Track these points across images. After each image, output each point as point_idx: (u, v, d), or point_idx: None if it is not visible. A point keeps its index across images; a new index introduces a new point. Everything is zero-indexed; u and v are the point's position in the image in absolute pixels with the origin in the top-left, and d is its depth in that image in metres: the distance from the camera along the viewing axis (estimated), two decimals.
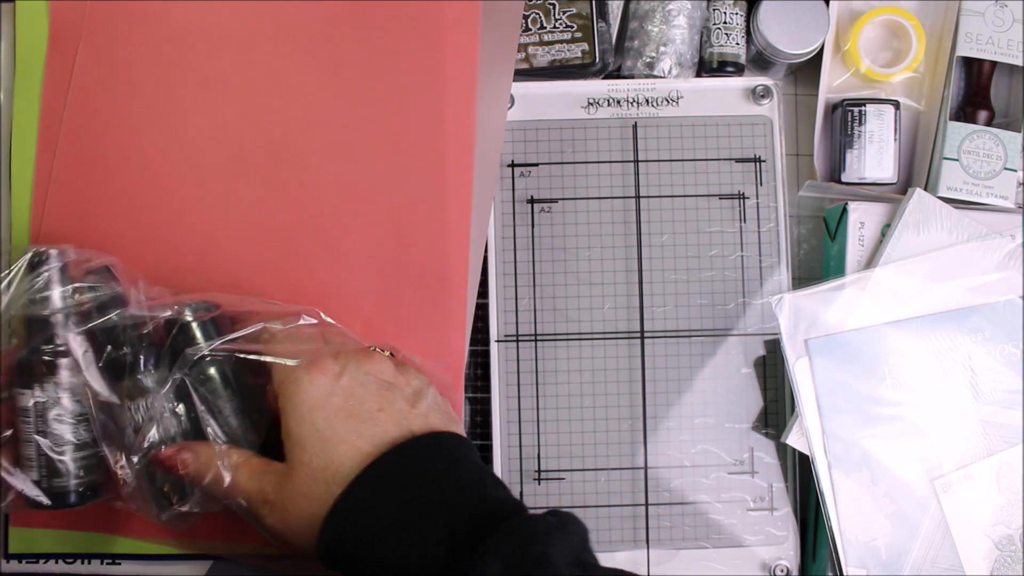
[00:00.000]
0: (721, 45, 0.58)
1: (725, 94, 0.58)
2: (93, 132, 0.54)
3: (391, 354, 0.46)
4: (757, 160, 0.57)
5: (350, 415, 0.41)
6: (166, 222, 0.54)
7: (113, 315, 0.45)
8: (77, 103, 0.54)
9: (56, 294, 0.45)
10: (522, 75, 0.57)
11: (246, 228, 0.54)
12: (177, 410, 0.45)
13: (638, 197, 0.57)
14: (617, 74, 0.59)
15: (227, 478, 0.42)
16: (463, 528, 0.38)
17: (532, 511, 0.41)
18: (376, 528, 0.39)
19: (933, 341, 0.54)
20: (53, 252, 0.45)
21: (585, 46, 0.57)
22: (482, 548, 0.36)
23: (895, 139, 0.56)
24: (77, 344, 0.44)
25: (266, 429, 0.46)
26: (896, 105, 0.56)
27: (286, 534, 0.41)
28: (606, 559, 0.55)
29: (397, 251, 0.54)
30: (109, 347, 0.45)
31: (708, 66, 0.58)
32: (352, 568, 0.39)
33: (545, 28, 0.57)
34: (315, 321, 0.47)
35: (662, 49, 0.57)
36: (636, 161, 0.57)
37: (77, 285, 0.45)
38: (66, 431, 0.44)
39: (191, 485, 0.44)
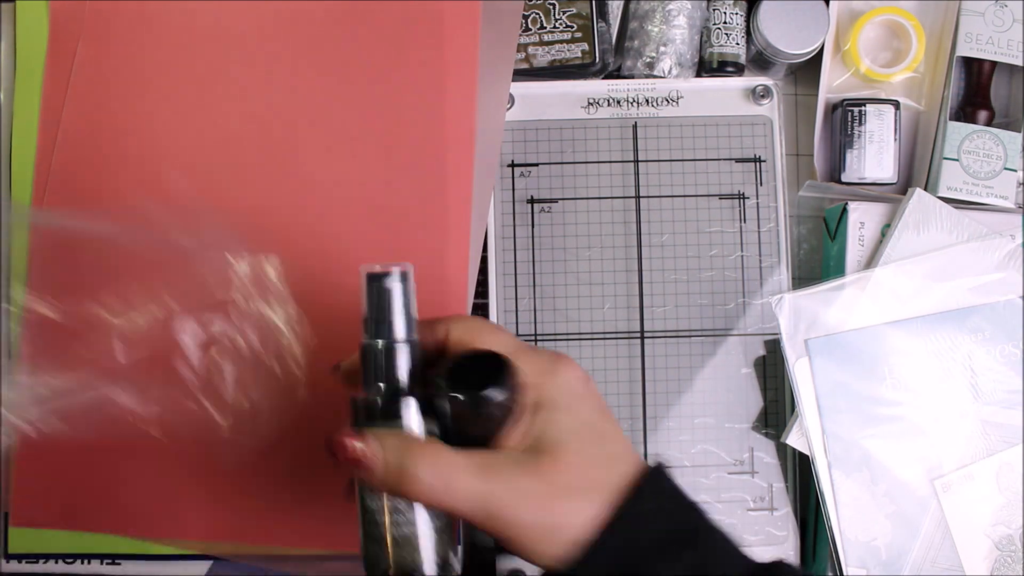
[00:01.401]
0: (721, 45, 0.58)
1: (725, 94, 0.58)
2: (93, 132, 0.54)
3: None
4: (757, 160, 0.57)
5: (608, 414, 0.37)
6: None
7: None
8: (77, 103, 0.54)
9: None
10: (522, 75, 0.57)
11: (245, 228, 0.54)
12: None
13: (638, 197, 0.57)
14: (617, 74, 0.59)
15: (437, 481, 0.36)
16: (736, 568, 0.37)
17: None
18: (665, 545, 0.35)
19: (933, 341, 0.54)
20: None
21: (585, 46, 0.57)
22: None
23: (895, 139, 0.56)
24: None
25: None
26: (896, 105, 0.56)
27: (538, 531, 0.36)
28: None
29: (396, 250, 0.54)
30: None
31: (708, 66, 0.58)
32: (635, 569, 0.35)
33: (545, 28, 0.57)
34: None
35: (662, 49, 0.57)
36: (636, 161, 0.57)
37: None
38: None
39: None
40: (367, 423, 0.37)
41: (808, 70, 0.58)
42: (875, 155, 0.56)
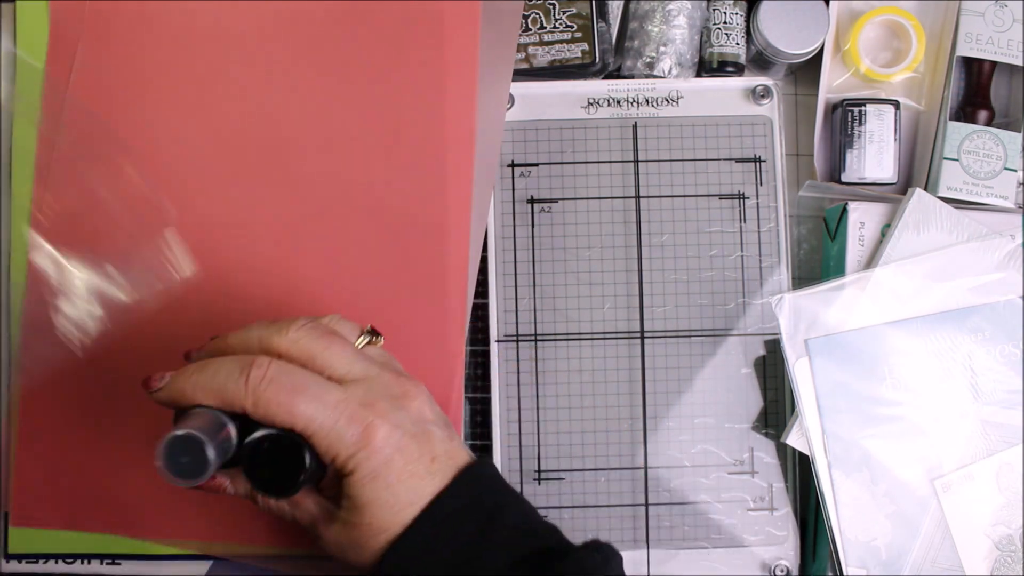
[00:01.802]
0: (721, 45, 0.58)
1: (725, 94, 0.58)
2: (93, 131, 0.54)
3: (374, 332, 0.45)
4: (757, 160, 0.57)
5: (411, 475, 0.41)
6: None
7: None
8: (77, 103, 0.54)
9: None
10: (522, 75, 0.57)
11: (245, 228, 0.54)
12: None
13: (638, 197, 0.57)
14: (617, 74, 0.59)
15: (282, 508, 0.43)
16: (524, 564, 0.41)
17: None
18: (441, 562, 0.40)
19: (933, 341, 0.54)
20: None
21: (585, 46, 0.57)
22: None
23: (895, 139, 0.56)
24: None
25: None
26: (896, 105, 0.56)
27: (342, 559, 0.43)
28: None
29: (396, 250, 0.54)
30: None
31: (708, 66, 0.58)
32: None
33: (545, 28, 0.57)
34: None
35: (662, 49, 0.57)
36: (636, 161, 0.57)
37: None
38: None
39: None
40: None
41: (808, 70, 0.58)
42: (875, 155, 0.56)
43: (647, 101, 0.58)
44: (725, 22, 0.57)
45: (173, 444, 0.38)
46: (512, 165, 0.57)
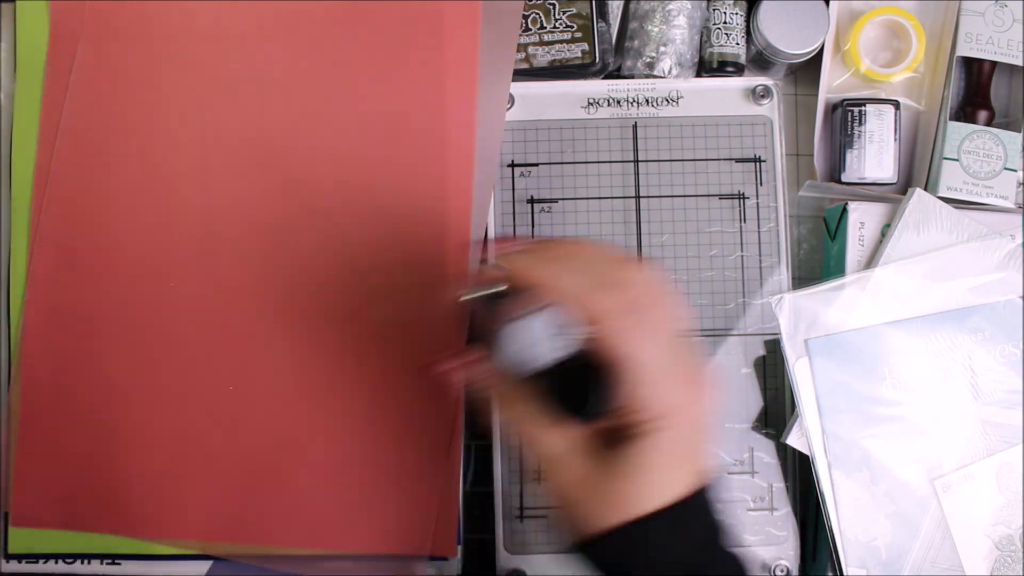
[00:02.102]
0: (721, 45, 0.58)
1: (725, 94, 0.58)
2: (93, 131, 0.54)
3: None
4: (757, 160, 0.57)
5: (684, 466, 0.40)
6: (165, 220, 0.54)
7: None
8: (77, 103, 0.54)
9: None
10: (522, 75, 0.57)
11: (245, 227, 0.54)
12: None
13: (638, 197, 0.57)
14: (617, 74, 0.59)
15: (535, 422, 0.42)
16: None
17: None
18: (672, 557, 0.39)
19: (933, 341, 0.54)
20: None
21: (585, 46, 0.57)
22: None
23: (895, 139, 0.56)
24: None
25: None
26: (896, 105, 0.56)
27: (567, 509, 0.41)
28: None
29: (396, 250, 0.54)
30: None
31: (708, 66, 0.58)
32: (609, 571, 0.40)
33: (545, 28, 0.57)
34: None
35: (662, 49, 0.57)
36: (636, 161, 0.57)
37: None
38: None
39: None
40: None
41: (808, 70, 0.58)
42: (875, 155, 0.56)
43: (647, 101, 0.58)
44: (725, 22, 0.57)
45: (527, 319, 0.39)
46: (512, 165, 0.57)
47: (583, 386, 0.40)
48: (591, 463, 0.40)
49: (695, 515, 0.41)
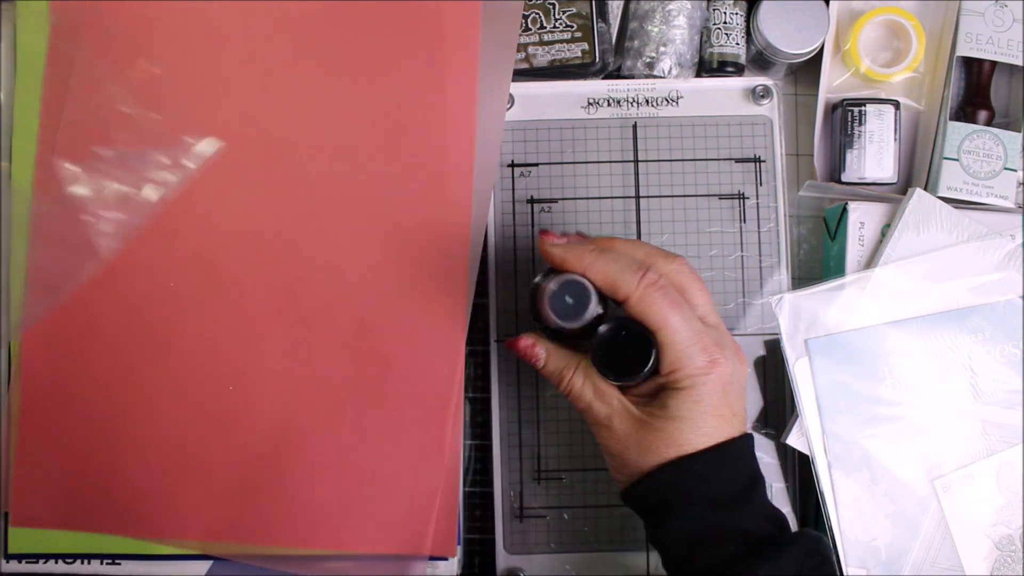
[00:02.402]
0: (721, 45, 0.58)
1: (725, 94, 0.58)
2: (93, 131, 0.54)
3: None
4: (757, 160, 0.57)
5: (720, 415, 0.45)
6: (165, 220, 0.54)
7: None
8: (77, 103, 0.54)
9: None
10: (522, 75, 0.57)
11: (245, 227, 0.54)
12: None
13: (638, 197, 0.57)
14: (617, 74, 0.59)
15: (583, 395, 0.47)
16: (757, 534, 0.44)
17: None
18: (708, 494, 0.45)
19: (933, 341, 0.54)
20: None
21: (585, 46, 0.57)
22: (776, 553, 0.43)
23: (895, 139, 0.56)
24: None
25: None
26: (896, 105, 0.56)
27: (615, 461, 0.47)
28: (607, 559, 0.55)
29: (396, 250, 0.54)
30: None
31: (708, 66, 0.58)
32: (654, 512, 0.46)
33: (545, 28, 0.57)
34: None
35: (662, 49, 0.57)
36: (636, 161, 0.57)
37: None
38: None
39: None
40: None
41: (808, 70, 0.58)
42: (875, 155, 0.56)
43: (647, 101, 0.58)
44: (725, 22, 0.57)
45: (566, 284, 0.45)
46: (512, 165, 0.57)
47: (627, 354, 0.45)
48: (639, 418, 0.46)
49: (737, 458, 0.46)
